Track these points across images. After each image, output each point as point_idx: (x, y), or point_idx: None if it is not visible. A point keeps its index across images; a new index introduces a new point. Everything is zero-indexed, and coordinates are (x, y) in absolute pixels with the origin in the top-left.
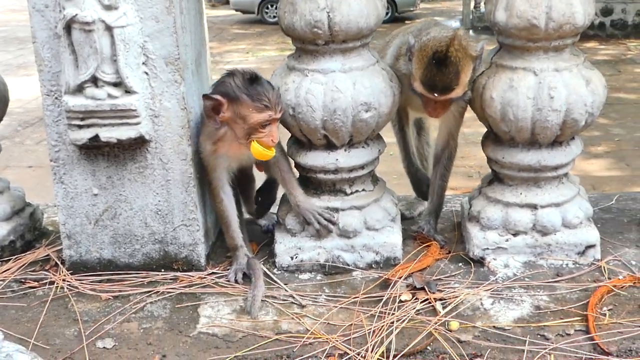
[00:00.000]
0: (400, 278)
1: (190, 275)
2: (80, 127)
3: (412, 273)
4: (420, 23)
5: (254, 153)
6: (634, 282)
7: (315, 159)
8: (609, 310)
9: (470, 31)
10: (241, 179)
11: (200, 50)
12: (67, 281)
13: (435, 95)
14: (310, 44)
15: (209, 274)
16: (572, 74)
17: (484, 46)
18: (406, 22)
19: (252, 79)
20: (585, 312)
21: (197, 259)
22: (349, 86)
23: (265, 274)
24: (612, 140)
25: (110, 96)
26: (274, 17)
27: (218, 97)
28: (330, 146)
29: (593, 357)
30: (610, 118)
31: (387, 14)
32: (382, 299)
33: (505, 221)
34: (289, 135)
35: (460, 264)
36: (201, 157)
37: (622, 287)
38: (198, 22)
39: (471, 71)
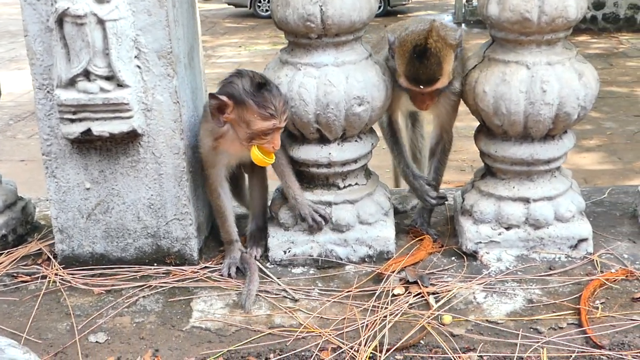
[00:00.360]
0: (393, 272)
1: (182, 270)
2: (72, 121)
3: (405, 267)
4: (409, 21)
5: (253, 159)
6: (626, 276)
7: (308, 152)
8: (601, 303)
9: (463, 25)
10: (234, 174)
11: (192, 44)
12: (60, 275)
13: (421, 87)
14: (303, 38)
15: (201, 268)
16: (564, 67)
17: (462, 34)
18: (398, 15)
19: (261, 84)
20: (577, 306)
21: (189, 253)
22: (342, 80)
23: (258, 268)
24: (604, 133)
25: (102, 90)
26: (267, 10)
27: (224, 98)
28: (323, 140)
29: (585, 350)
30: (602, 112)
31: (379, 7)
32: (375, 293)
33: (498, 215)
34: None
35: (453, 258)
36: (200, 152)
37: (614, 281)
38: (190, 15)
39: (453, 60)
